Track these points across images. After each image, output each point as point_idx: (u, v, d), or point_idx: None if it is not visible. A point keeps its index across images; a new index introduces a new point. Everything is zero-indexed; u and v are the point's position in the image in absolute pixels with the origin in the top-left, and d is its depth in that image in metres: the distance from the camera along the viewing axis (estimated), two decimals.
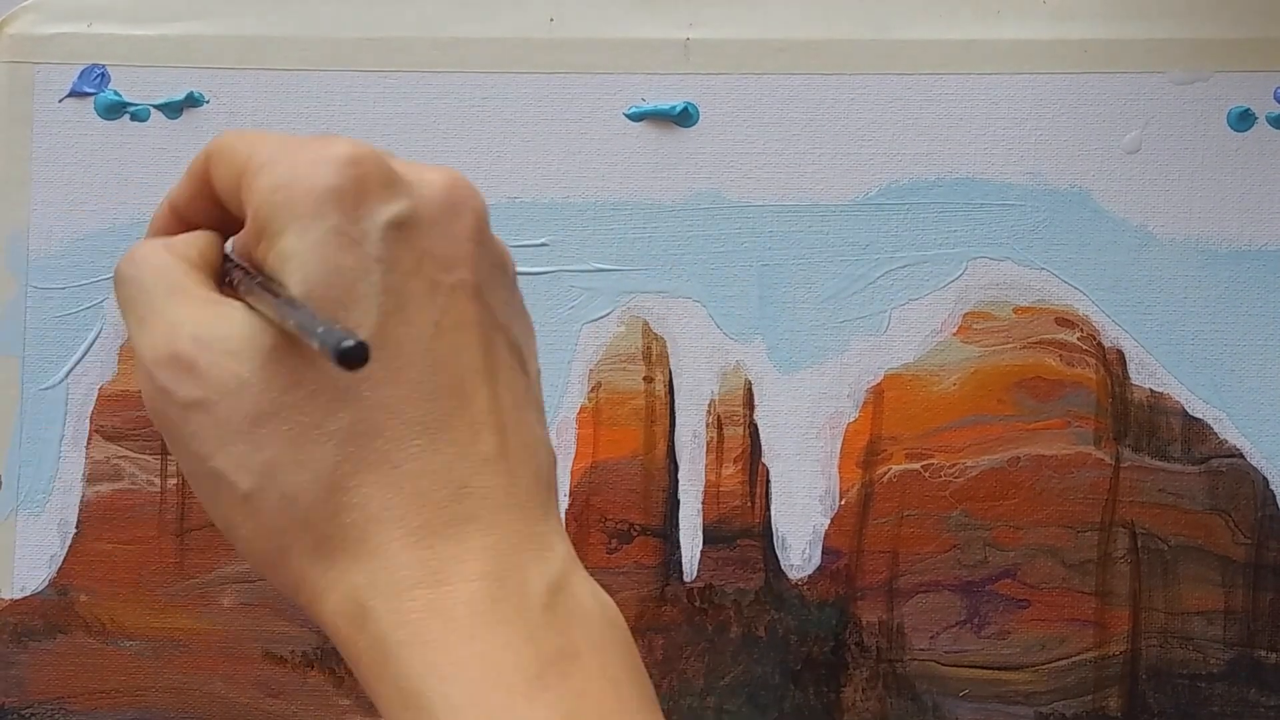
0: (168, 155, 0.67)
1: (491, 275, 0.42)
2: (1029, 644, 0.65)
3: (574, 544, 0.42)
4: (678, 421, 0.66)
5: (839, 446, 0.66)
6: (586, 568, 0.41)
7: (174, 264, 0.42)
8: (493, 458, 0.40)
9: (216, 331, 0.40)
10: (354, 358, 0.37)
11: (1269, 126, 0.65)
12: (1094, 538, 0.65)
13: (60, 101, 0.67)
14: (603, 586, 0.41)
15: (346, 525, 0.39)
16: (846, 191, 0.66)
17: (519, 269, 0.44)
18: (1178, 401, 0.66)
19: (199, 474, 0.41)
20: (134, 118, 0.67)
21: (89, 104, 0.67)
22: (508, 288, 0.43)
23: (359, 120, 0.67)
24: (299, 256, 0.40)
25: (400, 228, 0.41)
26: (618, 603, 0.41)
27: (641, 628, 0.63)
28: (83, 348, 0.67)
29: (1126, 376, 0.66)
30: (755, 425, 0.66)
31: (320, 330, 0.38)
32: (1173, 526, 0.65)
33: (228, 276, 0.43)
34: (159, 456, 0.67)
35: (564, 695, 0.38)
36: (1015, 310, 0.66)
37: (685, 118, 0.66)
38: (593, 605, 0.40)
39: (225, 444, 0.40)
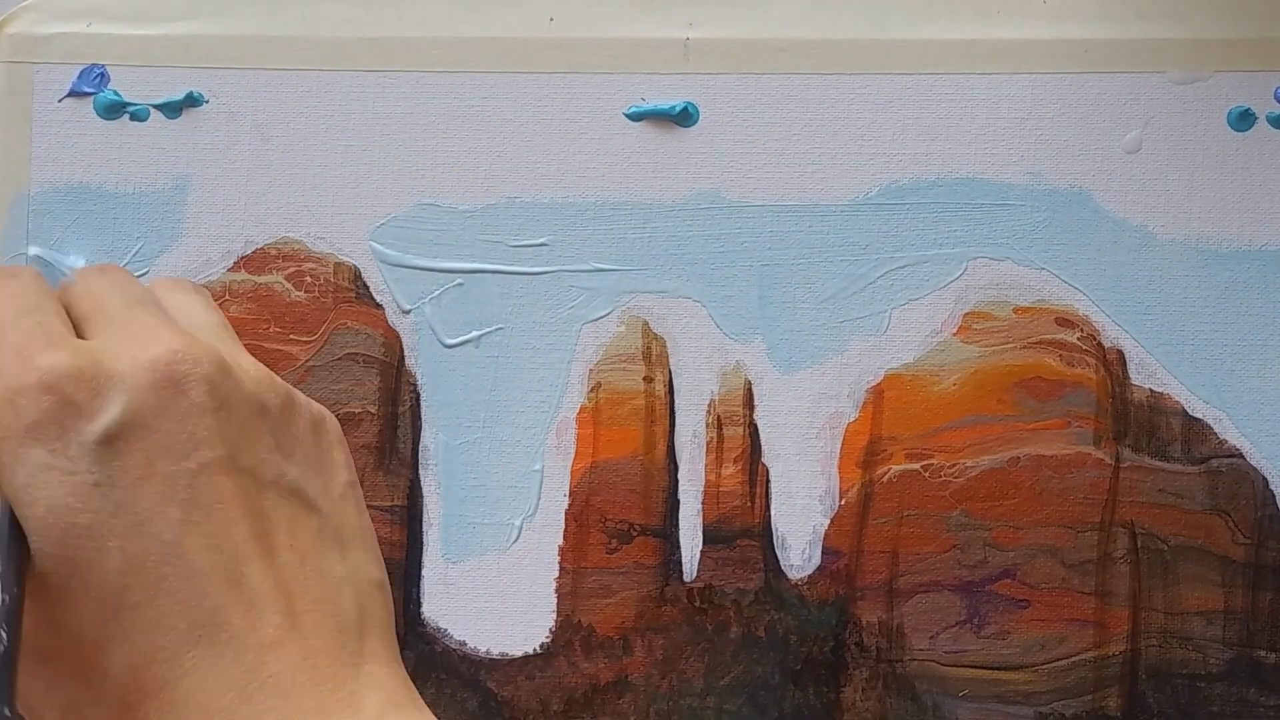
0: (167, 155, 0.67)
1: (246, 429, 0.39)
2: (1029, 644, 0.65)
3: (574, 544, 0.41)
4: (678, 421, 0.66)
5: (839, 446, 0.66)
6: (586, 568, 0.40)
7: None
8: (278, 639, 0.38)
9: None
10: None
11: (1269, 126, 0.65)
12: (1094, 538, 0.65)
13: (59, 101, 0.67)
14: (602, 587, 0.40)
15: None
16: (846, 191, 0.66)
17: (518, 269, 0.43)
18: (1178, 401, 0.65)
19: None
20: (133, 117, 0.67)
21: (88, 104, 0.67)
22: (273, 428, 0.40)
23: (359, 120, 0.67)
24: (15, 499, 0.37)
25: (115, 439, 0.38)
26: (618, 603, 0.40)
27: (641, 628, 0.63)
28: None
29: (1126, 376, 0.66)
30: (755, 425, 0.66)
31: None
32: (1173, 526, 0.65)
33: None
34: None
35: None
36: (1015, 310, 0.66)
37: (685, 117, 0.66)
38: None
39: (28, 674, 0.37)
